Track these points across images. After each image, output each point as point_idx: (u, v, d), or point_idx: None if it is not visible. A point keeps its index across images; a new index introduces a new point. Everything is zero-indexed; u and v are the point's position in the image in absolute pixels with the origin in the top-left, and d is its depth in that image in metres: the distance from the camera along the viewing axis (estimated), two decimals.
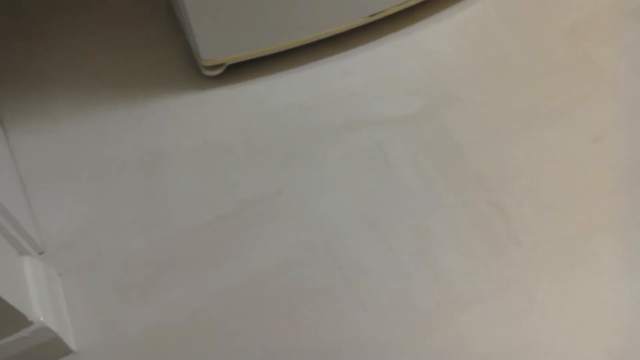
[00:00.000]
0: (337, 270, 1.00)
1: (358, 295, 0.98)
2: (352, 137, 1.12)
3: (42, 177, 1.07)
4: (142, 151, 1.10)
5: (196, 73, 1.18)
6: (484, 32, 1.25)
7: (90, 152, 1.10)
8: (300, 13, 1.12)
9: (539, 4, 1.29)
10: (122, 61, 1.19)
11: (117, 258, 1.00)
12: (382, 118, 1.14)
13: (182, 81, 1.18)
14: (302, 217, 1.04)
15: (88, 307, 0.96)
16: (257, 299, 0.97)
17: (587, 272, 1.00)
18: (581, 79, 1.20)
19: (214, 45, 1.11)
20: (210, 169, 1.09)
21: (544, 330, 0.95)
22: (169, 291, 0.97)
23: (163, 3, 1.26)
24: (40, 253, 0.99)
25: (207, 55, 1.12)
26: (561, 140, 1.13)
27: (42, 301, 0.87)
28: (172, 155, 1.10)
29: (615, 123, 1.15)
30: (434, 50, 1.23)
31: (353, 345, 0.94)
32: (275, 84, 1.19)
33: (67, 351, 0.91)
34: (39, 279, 0.90)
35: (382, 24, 1.24)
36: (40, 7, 1.26)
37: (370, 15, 1.18)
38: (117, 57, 1.20)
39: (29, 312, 0.82)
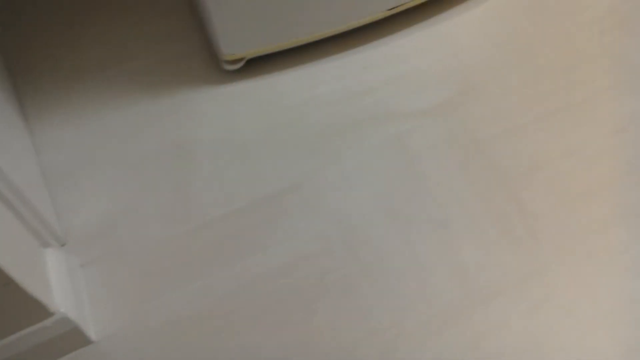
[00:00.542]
0: (355, 263, 1.00)
1: (376, 288, 0.98)
2: (373, 131, 1.12)
3: (65, 169, 1.09)
4: (163, 145, 1.11)
5: (216, 67, 1.19)
6: (505, 24, 1.24)
7: (112, 145, 1.11)
8: (319, 7, 1.11)
9: None
10: (143, 55, 1.20)
11: (138, 250, 1.01)
12: (402, 111, 1.14)
13: (202, 75, 1.19)
14: (322, 211, 1.05)
15: (109, 298, 0.97)
16: (276, 291, 0.98)
17: (605, 266, 0.99)
18: (603, 71, 1.18)
19: (235, 39, 1.11)
20: (231, 162, 1.09)
21: (562, 324, 0.95)
22: (189, 283, 0.98)
23: None
24: (63, 245, 1.01)
25: (227, 49, 1.13)
26: (582, 133, 1.12)
27: (63, 292, 0.89)
28: (193, 148, 1.11)
29: (637, 116, 1.13)
30: (453, 43, 1.22)
31: (370, 338, 0.94)
32: (295, 78, 1.19)
33: (87, 342, 0.92)
34: (60, 271, 0.92)
35: (402, 17, 1.24)
36: (61, 2, 1.28)
37: (389, 9, 1.18)
38: (138, 50, 1.21)
39: (50, 303, 0.83)
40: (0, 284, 0.74)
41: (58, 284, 0.88)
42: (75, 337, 0.90)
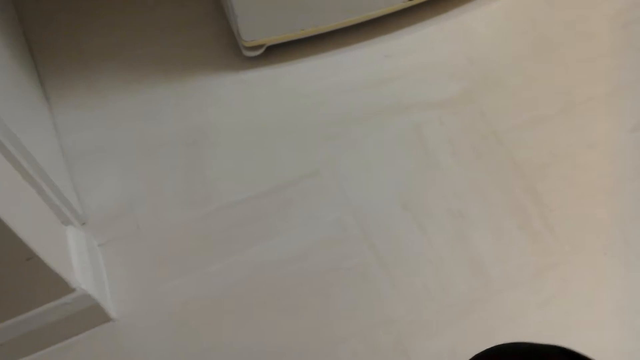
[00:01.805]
0: (371, 250, 1.00)
1: (391, 275, 0.98)
2: (391, 120, 1.12)
3: (85, 151, 1.09)
4: (182, 129, 1.12)
5: (237, 53, 1.19)
6: (526, 16, 1.24)
7: (132, 127, 1.12)
8: None
9: None
10: (164, 39, 1.21)
11: (156, 231, 1.02)
12: (421, 101, 1.14)
13: (223, 61, 1.19)
14: (339, 197, 1.05)
15: (127, 277, 0.98)
16: (291, 276, 0.98)
17: (621, 260, 0.99)
18: (625, 65, 1.18)
19: (255, 26, 1.12)
20: (250, 147, 1.10)
21: (578, 316, 0.95)
22: (206, 265, 0.99)
23: None
24: (83, 224, 1.02)
25: (248, 35, 1.13)
26: (600, 127, 1.11)
27: (83, 269, 0.90)
28: (212, 133, 1.11)
29: None
30: (475, 34, 1.22)
31: (385, 325, 0.95)
32: (315, 65, 1.19)
33: (107, 318, 0.93)
34: (81, 248, 0.93)
35: (424, 7, 1.24)
36: None
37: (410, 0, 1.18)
38: (159, 35, 1.21)
39: (71, 279, 0.84)
40: (23, 258, 0.75)
41: (79, 261, 0.89)
42: (95, 314, 0.91)
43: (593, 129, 1.11)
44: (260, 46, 1.16)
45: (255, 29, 1.13)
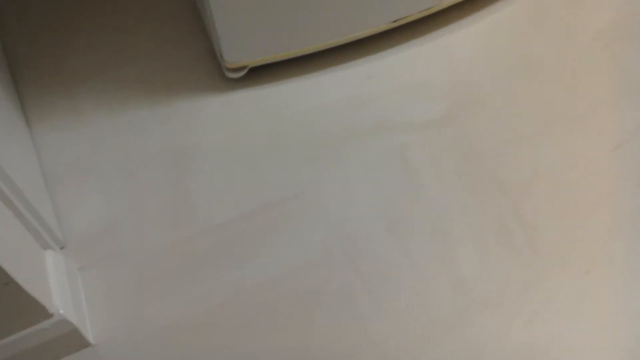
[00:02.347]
0: (354, 272, 1.00)
1: (375, 297, 0.98)
2: (375, 141, 1.13)
3: (66, 172, 1.08)
4: (165, 149, 1.11)
5: (219, 74, 1.19)
6: (508, 37, 1.25)
7: (113, 149, 1.11)
8: (324, 18, 1.12)
9: (566, 9, 1.28)
10: (145, 59, 1.21)
11: (138, 254, 1.01)
12: (405, 122, 1.15)
13: (205, 81, 1.19)
14: (323, 219, 1.05)
15: (107, 301, 0.97)
16: (275, 299, 0.98)
17: (605, 278, 0.99)
18: (605, 84, 1.19)
19: (238, 47, 1.12)
20: (233, 169, 1.09)
21: (561, 334, 0.95)
22: (188, 288, 0.98)
23: (187, 3, 1.27)
24: (62, 247, 1.00)
25: (230, 57, 1.13)
26: (582, 145, 1.12)
27: (62, 294, 0.88)
28: (195, 154, 1.11)
29: (637, 130, 1.14)
30: (457, 55, 1.23)
31: (369, 347, 0.94)
32: (298, 86, 1.19)
33: (85, 344, 0.92)
34: (60, 273, 0.91)
35: (407, 28, 1.24)
36: (65, 2, 1.28)
37: (394, 21, 1.19)
38: (142, 54, 1.21)
39: (49, 304, 0.83)
40: (0, 283, 0.74)
41: (57, 286, 0.88)
42: (73, 339, 0.89)
43: (574, 148, 1.12)
44: (243, 68, 1.16)
45: (237, 51, 1.13)
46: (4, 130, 0.98)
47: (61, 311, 0.85)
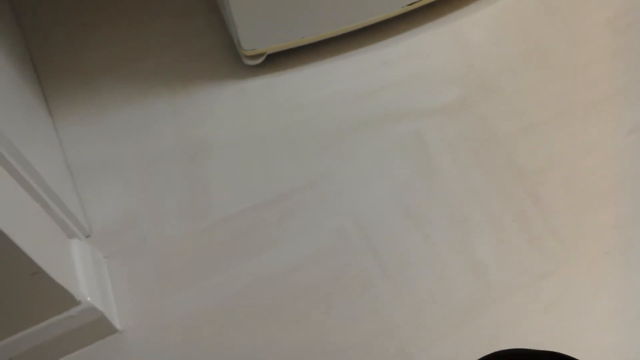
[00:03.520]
0: (373, 259, 1.01)
1: (393, 283, 0.99)
2: (390, 127, 1.13)
3: (89, 165, 1.10)
4: (185, 140, 1.13)
5: (237, 62, 1.20)
6: (523, 21, 1.24)
7: (134, 141, 1.13)
8: (339, 3, 1.12)
9: None
10: (164, 51, 1.22)
11: (159, 244, 1.03)
12: (420, 108, 1.15)
13: (223, 70, 1.20)
14: (339, 207, 1.06)
15: (131, 289, 0.99)
16: (292, 287, 0.99)
17: (622, 264, 0.99)
18: (618, 71, 1.18)
19: (255, 35, 1.13)
20: (250, 158, 1.11)
21: (578, 321, 0.95)
22: (207, 277, 1.00)
23: None
24: (87, 237, 1.03)
25: (248, 45, 1.14)
26: (598, 131, 1.12)
27: (89, 282, 0.90)
28: (214, 144, 1.12)
29: None
30: (472, 39, 1.22)
31: (388, 333, 0.95)
32: (314, 73, 1.20)
33: (112, 330, 0.94)
34: (86, 261, 0.93)
35: (421, 13, 1.24)
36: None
37: (409, 4, 1.19)
38: (159, 47, 1.22)
39: (76, 292, 0.85)
40: (28, 272, 0.76)
41: (84, 274, 0.90)
42: (101, 326, 0.91)
43: (590, 133, 1.12)
44: (260, 55, 1.17)
45: (255, 38, 1.13)
46: (31, 127, 1.00)
47: (88, 298, 0.87)
